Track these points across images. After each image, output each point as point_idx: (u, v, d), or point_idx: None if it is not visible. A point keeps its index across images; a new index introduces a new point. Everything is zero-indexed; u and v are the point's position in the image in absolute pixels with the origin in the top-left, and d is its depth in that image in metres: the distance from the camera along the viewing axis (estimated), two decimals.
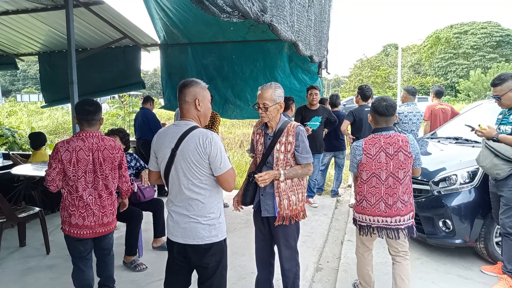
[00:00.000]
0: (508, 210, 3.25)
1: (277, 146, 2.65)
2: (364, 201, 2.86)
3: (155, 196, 6.26)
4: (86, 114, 2.71)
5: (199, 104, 2.20)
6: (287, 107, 4.99)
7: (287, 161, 2.66)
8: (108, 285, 3.05)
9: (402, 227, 2.78)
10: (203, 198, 2.16)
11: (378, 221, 2.81)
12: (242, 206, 2.82)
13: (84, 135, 2.70)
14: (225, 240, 2.29)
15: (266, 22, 2.79)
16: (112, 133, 3.81)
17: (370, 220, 2.84)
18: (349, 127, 5.49)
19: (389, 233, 2.80)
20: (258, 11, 2.59)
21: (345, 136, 5.74)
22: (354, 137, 5.32)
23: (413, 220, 2.84)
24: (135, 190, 3.81)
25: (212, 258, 2.21)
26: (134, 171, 3.92)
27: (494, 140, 3.26)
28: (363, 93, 5.49)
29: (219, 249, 2.23)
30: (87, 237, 2.73)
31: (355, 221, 3.00)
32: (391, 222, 2.78)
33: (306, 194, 2.84)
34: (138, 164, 3.97)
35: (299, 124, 2.72)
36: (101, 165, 2.73)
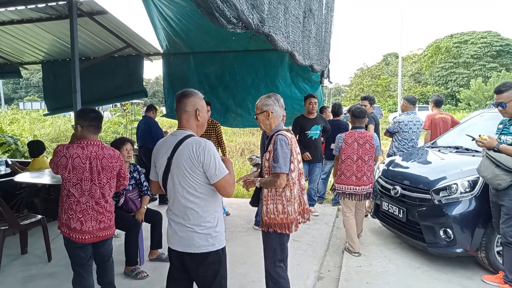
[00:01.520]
0: (509, 219, 3.26)
1: (266, 153, 2.75)
2: (342, 175, 4.22)
3: (157, 205, 6.31)
4: (97, 120, 2.79)
5: (199, 114, 2.26)
6: None
7: (270, 170, 2.70)
8: None
9: (365, 193, 4.18)
10: (198, 207, 2.16)
11: (350, 189, 4.19)
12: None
13: (85, 143, 2.72)
14: (223, 249, 2.27)
15: (265, 33, 2.89)
16: (126, 140, 3.85)
17: (345, 188, 4.21)
18: None
19: (356, 197, 4.20)
20: (258, 22, 2.70)
21: None
22: None
23: (371, 189, 4.24)
24: (120, 202, 3.79)
25: (209, 267, 2.21)
26: (134, 182, 3.93)
27: (495, 151, 3.27)
28: (374, 101, 5.78)
29: (216, 258, 2.22)
30: (88, 242, 2.75)
31: (335, 189, 4.35)
32: (358, 189, 4.16)
33: (291, 207, 2.68)
34: (138, 177, 3.99)
35: (281, 132, 2.67)
36: (99, 174, 2.74)
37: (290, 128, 2.82)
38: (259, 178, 2.76)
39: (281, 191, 2.67)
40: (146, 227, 4.00)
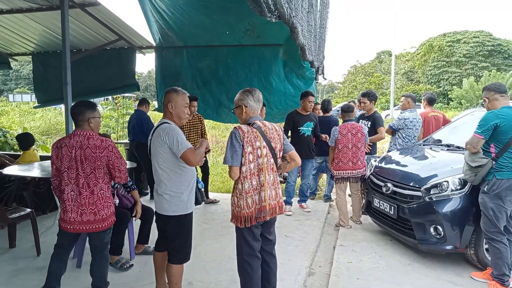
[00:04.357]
0: (483, 215, 3.39)
1: None
2: (340, 162, 4.94)
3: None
4: (79, 114, 2.91)
5: (171, 107, 2.82)
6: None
7: None
8: (100, 287, 3.01)
9: (359, 175, 4.94)
10: (165, 179, 2.73)
11: (348, 173, 4.93)
12: None
13: (74, 133, 2.87)
14: (186, 215, 2.82)
15: (294, 25, 3.03)
16: (103, 136, 3.82)
17: (343, 173, 4.94)
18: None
19: (352, 180, 4.96)
20: (290, 12, 2.85)
21: None
22: (371, 144, 5.54)
23: (365, 172, 4.95)
24: (116, 203, 3.76)
25: (172, 228, 2.80)
26: None
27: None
28: (374, 97, 5.79)
29: (179, 222, 2.79)
30: (70, 231, 2.86)
31: (333, 177, 5.11)
32: (354, 172, 4.91)
33: (242, 201, 2.71)
34: None
35: (237, 126, 2.75)
36: (82, 163, 2.80)
37: (253, 122, 2.78)
38: None
39: (236, 184, 2.73)
40: (136, 222, 3.97)
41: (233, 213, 2.79)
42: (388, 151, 5.69)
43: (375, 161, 5.12)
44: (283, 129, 5.43)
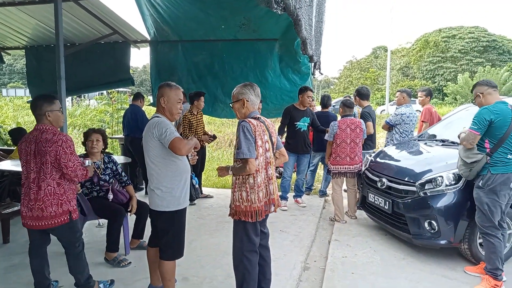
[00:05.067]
0: (478, 210, 3.40)
1: (235, 141, 2.78)
2: (338, 157, 4.93)
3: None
4: (31, 110, 2.91)
5: (163, 102, 2.79)
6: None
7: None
8: (79, 283, 2.97)
9: (356, 170, 4.94)
10: (155, 172, 2.72)
11: (345, 168, 4.93)
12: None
13: (34, 127, 2.85)
14: (177, 211, 2.77)
15: (298, 17, 3.02)
16: (93, 131, 3.86)
17: (340, 168, 4.94)
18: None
19: (349, 175, 4.97)
20: (295, 4, 2.85)
21: None
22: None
23: (361, 167, 4.94)
24: (110, 198, 3.77)
25: (163, 223, 2.79)
26: (111, 172, 3.88)
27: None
28: (363, 96, 5.76)
29: (169, 217, 2.76)
30: (24, 226, 2.86)
31: (329, 171, 5.10)
32: (352, 168, 4.92)
33: (254, 195, 2.67)
34: (115, 168, 3.89)
35: (246, 120, 2.68)
36: (35, 157, 2.77)
37: (258, 116, 2.77)
38: (231, 167, 2.75)
39: (246, 179, 2.66)
40: (131, 218, 3.97)
41: (239, 208, 2.70)
42: (385, 146, 5.70)
43: (370, 156, 5.13)
44: (280, 123, 5.51)
